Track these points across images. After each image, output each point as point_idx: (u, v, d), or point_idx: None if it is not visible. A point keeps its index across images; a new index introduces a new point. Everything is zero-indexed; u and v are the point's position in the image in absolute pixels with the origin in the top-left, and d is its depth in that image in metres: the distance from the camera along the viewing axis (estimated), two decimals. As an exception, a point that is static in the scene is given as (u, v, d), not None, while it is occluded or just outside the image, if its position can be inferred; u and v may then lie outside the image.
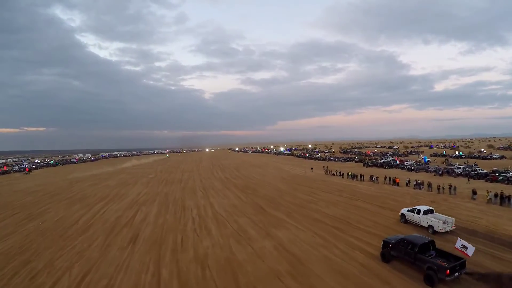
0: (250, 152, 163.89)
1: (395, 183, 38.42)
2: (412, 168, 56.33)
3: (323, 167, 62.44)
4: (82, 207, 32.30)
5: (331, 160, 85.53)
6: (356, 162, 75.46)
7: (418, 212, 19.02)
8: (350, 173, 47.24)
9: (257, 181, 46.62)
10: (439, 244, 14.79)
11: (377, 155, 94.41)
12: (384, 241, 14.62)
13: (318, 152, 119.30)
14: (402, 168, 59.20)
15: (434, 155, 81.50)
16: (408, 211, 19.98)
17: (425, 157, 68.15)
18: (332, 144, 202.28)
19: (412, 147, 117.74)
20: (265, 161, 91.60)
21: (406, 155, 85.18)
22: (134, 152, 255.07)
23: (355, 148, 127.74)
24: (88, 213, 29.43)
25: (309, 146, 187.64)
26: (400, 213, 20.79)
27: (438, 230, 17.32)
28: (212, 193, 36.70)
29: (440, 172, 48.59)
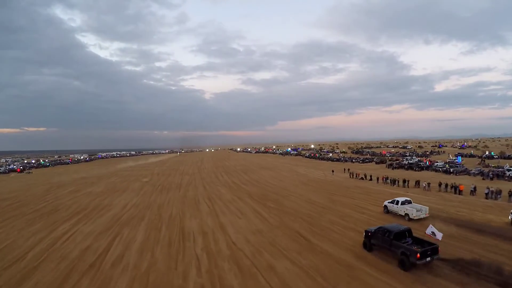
0: (253, 152, 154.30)
1: (457, 191, 29.13)
2: (451, 170, 47.12)
3: (345, 169, 53.13)
4: (44, 227, 22.97)
5: (346, 161, 76.23)
6: (377, 163, 66.21)
7: (397, 203, 20.83)
8: (387, 177, 37.95)
9: (274, 188, 37.21)
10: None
11: (393, 155, 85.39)
12: (365, 231, 14.66)
13: (329, 152, 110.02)
14: (435, 170, 50.14)
15: (460, 155, 72.57)
16: (389, 202, 21.70)
17: (459, 157, 58.95)
18: (336, 144, 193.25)
19: (420, 147, 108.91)
20: (273, 162, 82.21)
21: (428, 155, 76.07)
22: (133, 153, 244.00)
23: (364, 148, 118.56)
24: (47, 237, 20.13)
25: (312, 146, 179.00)
26: (383, 205, 22.15)
27: (413, 217, 19.14)
28: (220, 206, 27.24)
29: (491, 175, 39.49)
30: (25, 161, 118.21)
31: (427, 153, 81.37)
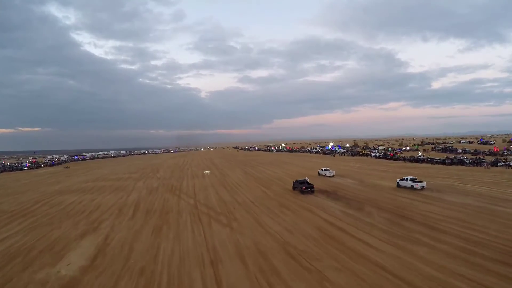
0: (274, 151, 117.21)
1: None
2: None
3: None
4: None
5: (480, 164, 40.65)
6: None
7: (321, 169, 38.70)
8: None
9: None
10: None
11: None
12: (293, 182, 29.69)
13: (399, 149, 74.10)
14: None
15: None
16: (319, 170, 39.34)
17: None
18: (360, 141, 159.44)
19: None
20: (352, 169, 45.63)
21: None
22: (123, 152, 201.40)
23: (440, 144, 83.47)
24: None
25: (331, 143, 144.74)
26: (317, 171, 39.48)
27: (324, 175, 36.68)
28: None
29: None
30: None
31: None
